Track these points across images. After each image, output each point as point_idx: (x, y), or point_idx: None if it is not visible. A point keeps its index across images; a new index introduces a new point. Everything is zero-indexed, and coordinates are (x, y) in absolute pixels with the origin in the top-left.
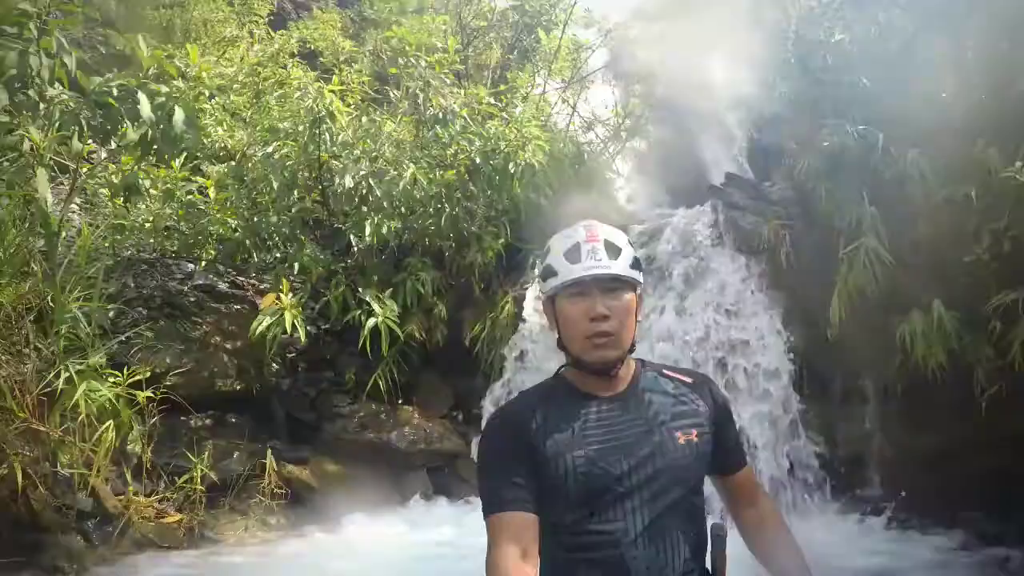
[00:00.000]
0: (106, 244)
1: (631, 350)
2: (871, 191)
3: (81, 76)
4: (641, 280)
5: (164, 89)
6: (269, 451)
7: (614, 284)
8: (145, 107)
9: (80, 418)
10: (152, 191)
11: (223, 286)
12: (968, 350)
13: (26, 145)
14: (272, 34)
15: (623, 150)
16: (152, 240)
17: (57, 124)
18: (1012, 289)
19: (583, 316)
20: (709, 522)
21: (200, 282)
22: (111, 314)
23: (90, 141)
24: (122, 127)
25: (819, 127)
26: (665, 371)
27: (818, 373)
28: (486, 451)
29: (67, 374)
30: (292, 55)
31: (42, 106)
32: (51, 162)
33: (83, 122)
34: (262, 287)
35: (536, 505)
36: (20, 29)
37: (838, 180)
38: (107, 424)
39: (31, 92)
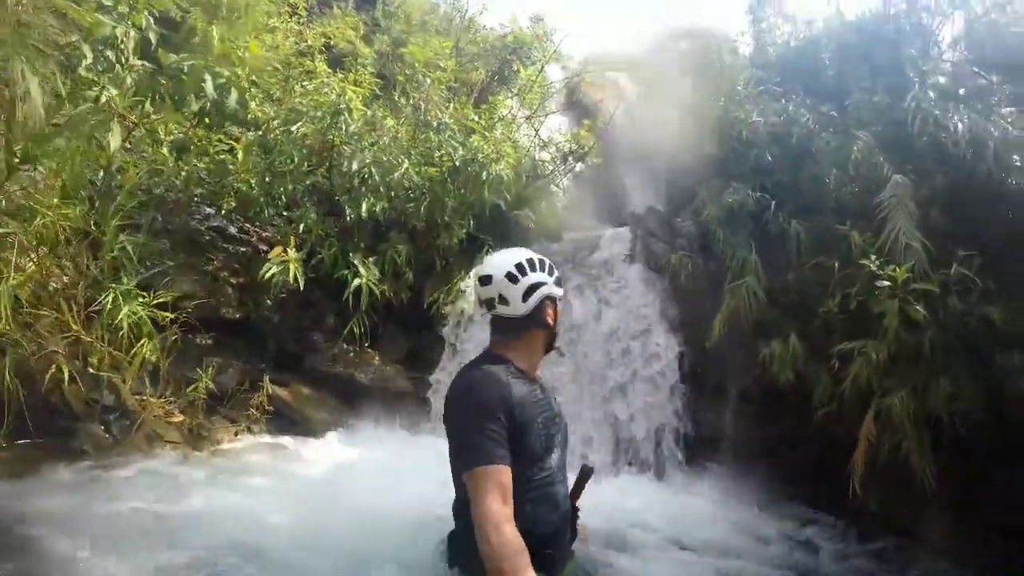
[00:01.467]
0: (143, 184)
1: None
2: (758, 243)
3: (161, 52)
4: None
5: (226, 72)
6: (266, 377)
7: None
8: (209, 86)
9: (122, 333)
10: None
11: (233, 230)
12: (811, 374)
13: (103, 100)
14: (302, 29)
15: (567, 171)
16: (179, 183)
17: (134, 88)
18: (851, 340)
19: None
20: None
21: (215, 224)
22: (141, 240)
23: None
24: (187, 98)
25: (726, 185)
26: None
27: (696, 372)
28: (476, 414)
29: (113, 295)
30: (320, 52)
31: (119, 70)
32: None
33: (157, 89)
34: (264, 235)
35: (509, 459)
36: (115, 2)
37: (734, 229)
38: (143, 341)
39: (110, 54)
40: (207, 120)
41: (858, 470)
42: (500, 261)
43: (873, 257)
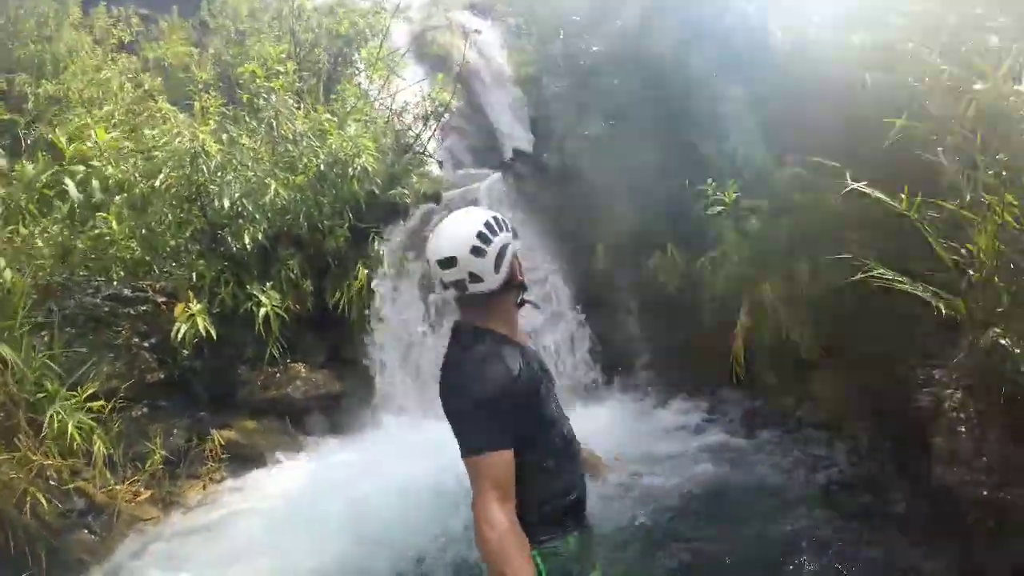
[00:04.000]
0: (30, 281)
1: None
2: (621, 166)
3: (19, 167)
4: None
5: (81, 168)
6: (216, 422)
7: None
8: (72, 188)
9: (72, 442)
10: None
11: (127, 292)
12: (695, 276)
13: None
14: (132, 60)
15: (432, 129)
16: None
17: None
18: (722, 238)
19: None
20: None
21: (108, 293)
22: (46, 338)
23: None
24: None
25: (581, 116)
26: None
27: (595, 298)
28: (489, 402)
29: (54, 413)
30: (160, 92)
31: None
32: None
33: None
34: (159, 285)
35: (513, 440)
36: None
37: (595, 159)
38: (97, 445)
39: None
40: (75, 218)
41: (740, 359)
42: (457, 235)
43: (710, 180)
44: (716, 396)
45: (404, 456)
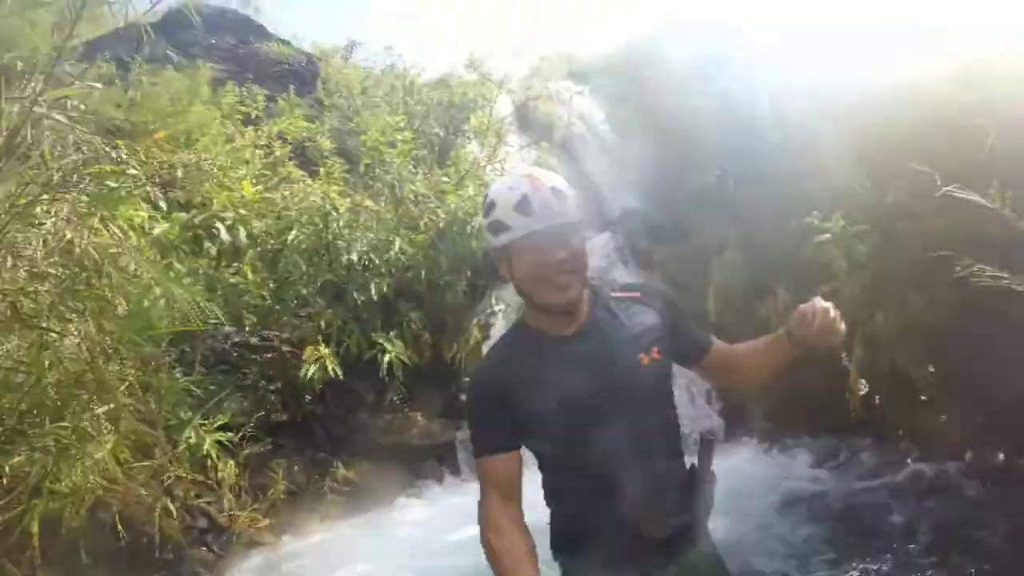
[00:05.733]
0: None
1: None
2: (731, 217)
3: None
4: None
5: (230, 215)
6: (336, 462)
7: (566, 229)
8: (223, 231)
9: (203, 457)
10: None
11: (255, 341)
12: None
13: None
14: (260, 132)
15: None
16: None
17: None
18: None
19: (542, 264)
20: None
21: (237, 340)
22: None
23: None
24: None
25: (686, 170)
26: (614, 294)
27: None
28: (471, 405)
29: (192, 430)
30: (288, 159)
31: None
32: None
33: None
34: (284, 336)
35: (519, 441)
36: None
37: (707, 211)
38: (228, 464)
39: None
40: (222, 259)
41: (855, 393)
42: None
43: (815, 212)
44: (831, 439)
45: None
